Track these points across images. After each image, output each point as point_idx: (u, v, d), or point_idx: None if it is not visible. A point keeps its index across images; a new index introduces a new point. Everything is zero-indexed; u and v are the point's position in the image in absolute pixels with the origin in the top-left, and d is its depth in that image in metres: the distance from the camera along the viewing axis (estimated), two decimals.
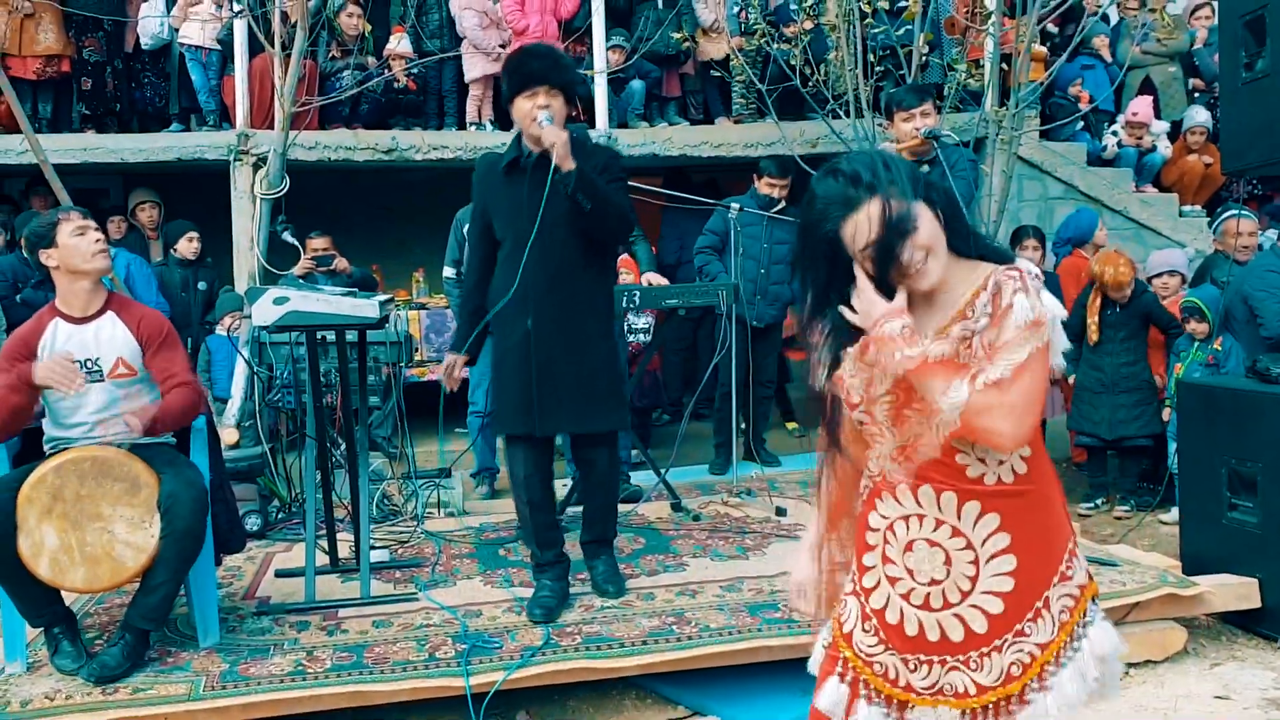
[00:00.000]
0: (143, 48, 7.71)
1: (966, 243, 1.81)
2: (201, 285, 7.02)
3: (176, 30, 7.55)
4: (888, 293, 1.75)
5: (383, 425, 6.30)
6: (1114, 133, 8.45)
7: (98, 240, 3.49)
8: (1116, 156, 8.42)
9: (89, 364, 3.46)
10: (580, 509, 4.14)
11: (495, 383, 3.88)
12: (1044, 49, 7.53)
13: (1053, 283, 6.37)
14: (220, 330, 6.33)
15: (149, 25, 7.61)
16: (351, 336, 4.26)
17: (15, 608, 3.35)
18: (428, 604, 3.90)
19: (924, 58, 6.16)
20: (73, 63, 7.56)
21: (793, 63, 6.73)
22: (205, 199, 7.65)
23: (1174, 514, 4.96)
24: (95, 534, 3.24)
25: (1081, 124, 8.54)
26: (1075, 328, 5.95)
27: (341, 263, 6.69)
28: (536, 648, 3.43)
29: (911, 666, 1.82)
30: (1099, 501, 5.88)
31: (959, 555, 1.77)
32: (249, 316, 3.73)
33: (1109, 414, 5.71)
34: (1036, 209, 8.00)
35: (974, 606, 1.77)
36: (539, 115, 3.53)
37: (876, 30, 6.60)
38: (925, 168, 4.51)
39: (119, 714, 3.11)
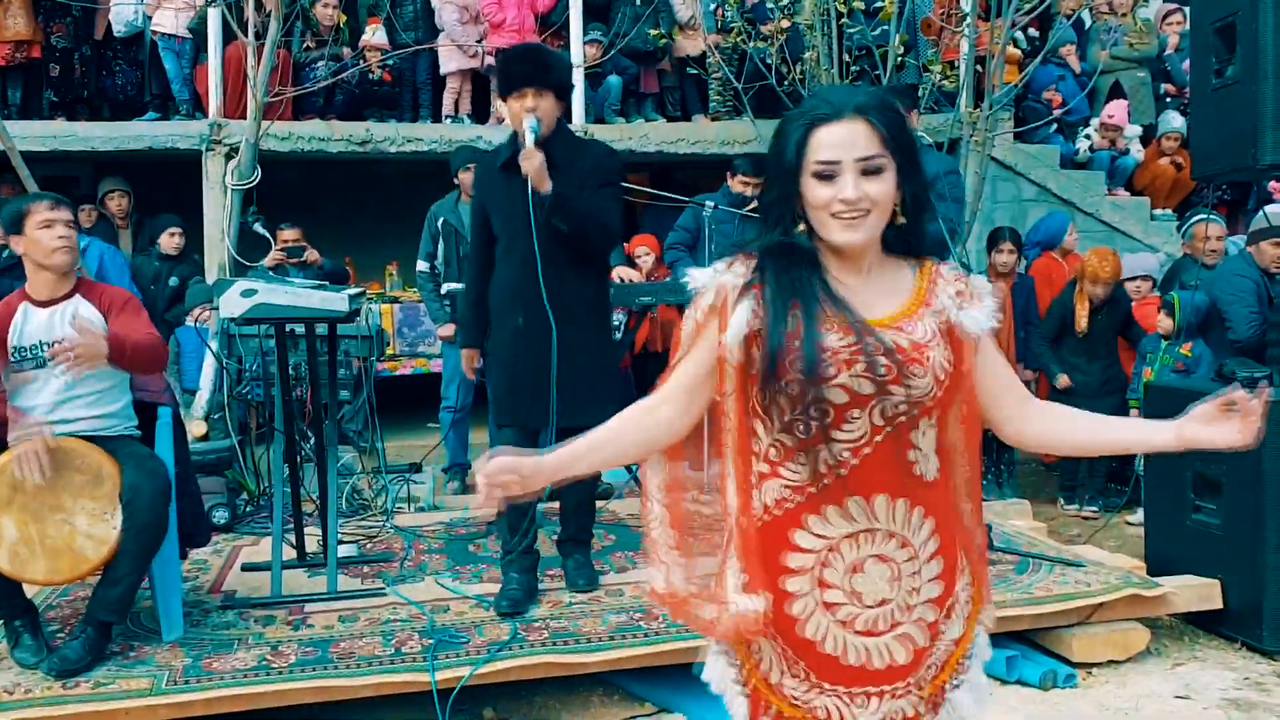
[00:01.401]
0: (115, 35, 7.63)
1: (908, 240, 1.67)
2: (173, 280, 6.90)
3: (150, 18, 7.47)
4: (788, 223, 1.63)
5: (354, 419, 6.27)
6: (1087, 136, 8.51)
7: (61, 236, 3.44)
8: (1089, 159, 8.49)
9: (53, 346, 3.43)
10: (555, 505, 4.19)
11: (490, 374, 4.01)
12: (1019, 51, 7.56)
13: (1026, 284, 6.42)
14: (190, 322, 6.28)
15: (123, 12, 7.52)
16: (323, 330, 4.23)
17: None
18: (395, 599, 3.89)
19: (899, 58, 6.18)
20: (42, 49, 7.48)
21: (768, 61, 6.73)
22: (176, 189, 7.56)
23: (1140, 515, 5.00)
24: (56, 526, 3.21)
25: (1055, 127, 8.59)
26: (1053, 329, 5.99)
27: (313, 254, 6.64)
28: (503, 643, 3.42)
29: (859, 702, 1.65)
30: (1078, 502, 5.94)
31: (906, 568, 1.64)
32: (217, 308, 3.70)
33: None
34: (1010, 210, 8.04)
35: (917, 620, 1.65)
36: (526, 122, 3.58)
37: (852, 30, 6.62)
38: None
39: (79, 709, 3.07)
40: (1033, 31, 7.99)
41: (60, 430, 3.32)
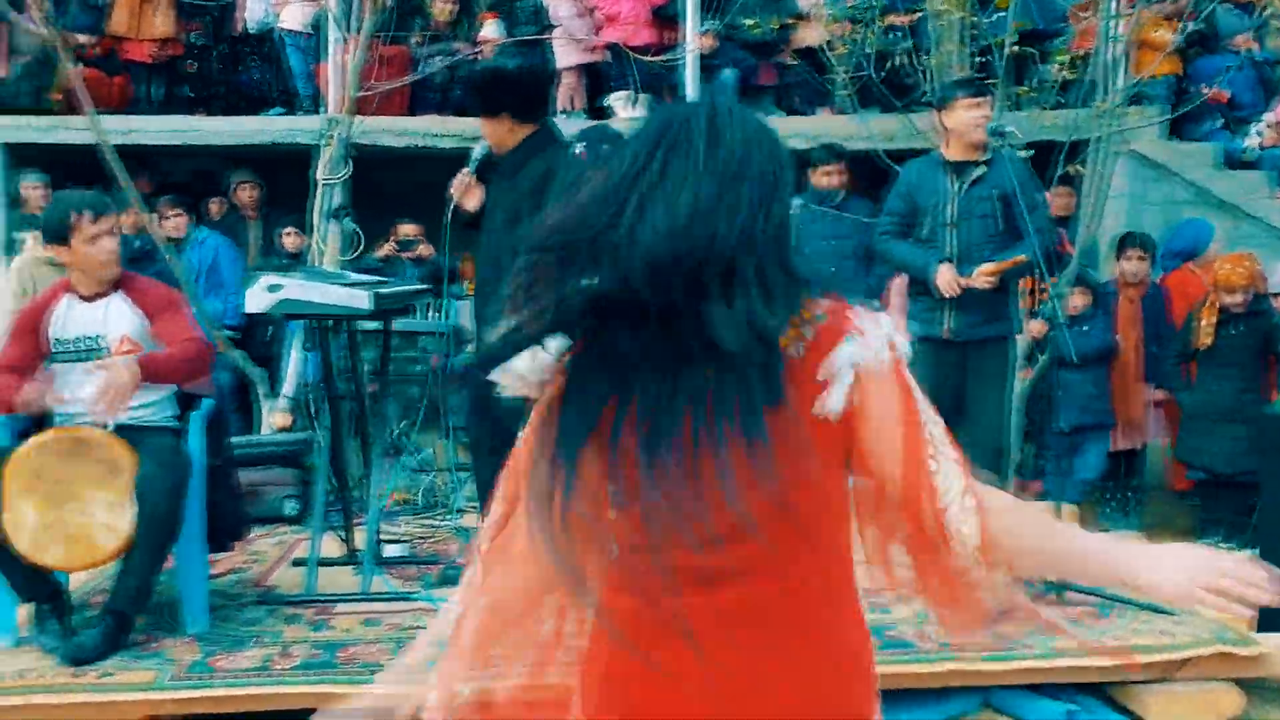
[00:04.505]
0: (249, 32, 7.87)
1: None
2: None
3: (278, 15, 7.68)
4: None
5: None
6: (1258, 133, 7.74)
7: (110, 250, 3.47)
8: (1260, 159, 7.72)
9: (95, 341, 3.48)
10: None
11: None
12: (1167, 36, 6.91)
13: (1158, 294, 5.87)
14: None
15: (254, 10, 7.76)
16: (399, 325, 4.22)
17: (5, 583, 3.38)
18: (424, 605, 3.79)
19: (1013, 45, 5.75)
20: (183, 46, 7.79)
21: (885, 52, 6.39)
22: (298, 183, 7.74)
23: None
24: (73, 514, 3.25)
25: (1222, 123, 7.86)
26: (1182, 345, 5.45)
27: (426, 249, 6.69)
28: None
29: None
30: (1217, 539, 5.37)
31: None
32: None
33: (1227, 446, 5.14)
34: (1164, 213, 7.36)
35: None
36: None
37: (980, 20, 6.19)
38: (982, 168, 4.15)
39: (84, 698, 3.09)
40: (1192, 25, 7.30)
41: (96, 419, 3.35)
